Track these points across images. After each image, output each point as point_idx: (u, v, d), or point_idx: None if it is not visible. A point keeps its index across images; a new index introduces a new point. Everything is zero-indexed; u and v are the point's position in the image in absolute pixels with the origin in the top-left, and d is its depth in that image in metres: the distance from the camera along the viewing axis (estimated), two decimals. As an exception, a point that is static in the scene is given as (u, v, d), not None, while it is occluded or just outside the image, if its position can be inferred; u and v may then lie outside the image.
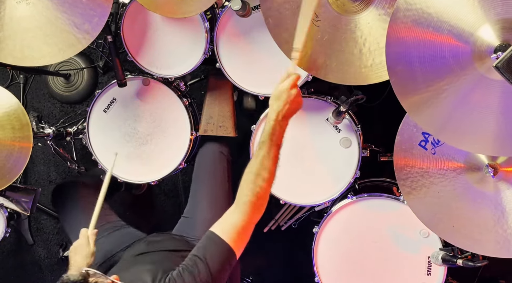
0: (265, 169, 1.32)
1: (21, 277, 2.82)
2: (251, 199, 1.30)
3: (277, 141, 1.35)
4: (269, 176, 1.33)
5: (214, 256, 1.27)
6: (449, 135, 1.26)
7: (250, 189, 1.31)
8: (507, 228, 1.39)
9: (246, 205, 1.30)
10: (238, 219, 1.30)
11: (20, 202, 2.00)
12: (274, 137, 1.34)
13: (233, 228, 1.30)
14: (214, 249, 1.28)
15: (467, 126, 1.21)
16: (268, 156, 1.32)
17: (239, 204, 1.31)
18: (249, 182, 1.31)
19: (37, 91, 2.73)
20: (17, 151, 1.73)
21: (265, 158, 1.32)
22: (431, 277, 1.71)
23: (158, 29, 1.85)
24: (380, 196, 1.75)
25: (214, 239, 1.30)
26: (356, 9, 1.41)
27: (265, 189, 1.32)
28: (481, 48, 1.12)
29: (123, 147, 1.96)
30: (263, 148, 1.33)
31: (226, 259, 1.28)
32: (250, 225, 1.32)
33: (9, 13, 1.58)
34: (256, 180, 1.31)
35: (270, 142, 1.33)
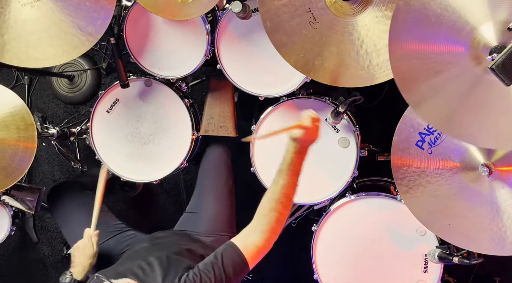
0: (285, 196, 1.36)
1: (25, 274, 2.83)
2: (270, 224, 1.34)
3: (297, 170, 1.38)
4: (288, 203, 1.37)
5: (231, 265, 1.29)
6: (451, 128, 1.25)
7: (271, 216, 1.34)
8: (502, 226, 1.39)
9: (265, 230, 1.33)
10: (257, 240, 1.33)
11: (25, 201, 2.01)
12: (294, 167, 1.37)
13: (253, 247, 1.32)
14: (232, 259, 1.31)
15: (467, 118, 1.21)
16: (288, 184, 1.36)
17: (258, 228, 1.34)
18: (270, 210, 1.34)
19: (42, 92, 2.74)
20: (22, 151, 1.73)
21: (285, 187, 1.35)
22: (428, 274, 1.71)
23: (160, 31, 1.86)
24: (378, 195, 1.75)
25: (234, 249, 1.32)
26: (354, 11, 1.41)
27: (283, 215, 1.36)
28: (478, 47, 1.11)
29: (125, 147, 1.97)
30: (283, 177, 1.36)
31: (241, 270, 1.31)
32: (267, 247, 1.35)
33: (14, 15, 1.58)
34: (277, 207, 1.34)
35: (290, 171, 1.36)
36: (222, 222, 1.80)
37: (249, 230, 1.35)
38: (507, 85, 1.00)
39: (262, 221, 1.34)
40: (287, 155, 1.37)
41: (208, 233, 1.75)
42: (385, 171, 1.94)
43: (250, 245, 1.32)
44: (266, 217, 1.34)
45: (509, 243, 1.38)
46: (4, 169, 1.72)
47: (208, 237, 1.74)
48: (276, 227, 1.34)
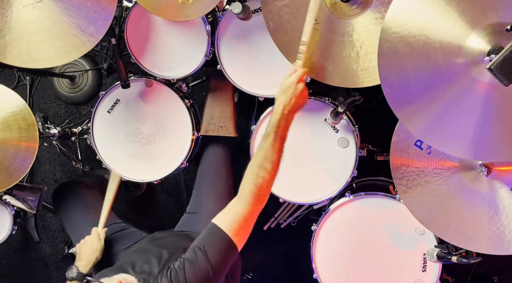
0: (268, 160, 1.30)
1: (27, 273, 2.83)
2: (253, 190, 1.28)
3: (282, 134, 1.33)
4: (273, 168, 1.31)
5: (214, 247, 1.26)
6: (444, 143, 1.25)
7: (253, 179, 1.29)
8: (500, 226, 1.39)
9: (249, 196, 1.28)
10: (241, 210, 1.28)
11: (27, 200, 2.01)
12: (279, 130, 1.33)
13: (235, 219, 1.28)
14: (214, 240, 1.27)
15: (460, 133, 1.21)
16: (272, 148, 1.31)
17: (242, 195, 1.30)
18: (253, 173, 1.30)
19: (43, 92, 2.74)
20: (24, 151, 1.73)
21: (269, 150, 1.31)
22: (426, 273, 1.71)
23: (160, 32, 1.86)
24: (377, 194, 1.75)
25: (215, 230, 1.28)
26: (353, 12, 1.41)
27: (267, 181, 1.30)
28: (474, 55, 1.12)
29: (126, 147, 1.97)
30: (268, 140, 1.31)
31: (227, 250, 1.27)
32: (252, 217, 1.30)
33: (16, 16, 1.58)
34: (259, 171, 1.30)
35: (275, 134, 1.32)
36: None
37: (233, 202, 1.31)
38: (505, 85, 1.00)
39: (244, 188, 1.29)
40: (273, 116, 1.34)
41: None
42: (384, 171, 1.94)
43: (231, 218, 1.28)
44: (248, 183, 1.29)
45: (507, 243, 1.38)
46: (6, 168, 1.72)
47: None
48: (259, 192, 1.29)
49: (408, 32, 1.16)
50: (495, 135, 1.19)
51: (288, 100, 1.33)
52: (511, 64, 0.96)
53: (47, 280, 2.82)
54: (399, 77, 1.20)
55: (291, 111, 1.35)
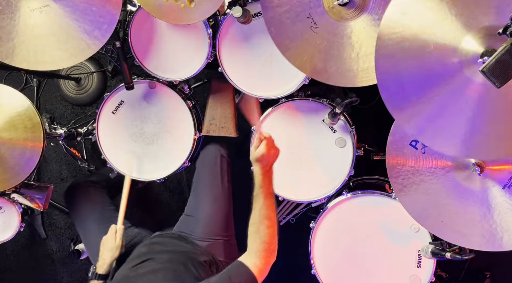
0: (265, 217, 1.36)
1: (34, 269, 2.83)
2: (261, 247, 1.35)
3: (269, 190, 1.40)
4: (271, 222, 1.37)
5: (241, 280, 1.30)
6: (439, 142, 1.25)
7: (257, 238, 1.35)
8: (493, 223, 1.39)
9: (258, 251, 1.35)
10: (256, 261, 1.34)
11: (34, 198, 2.01)
12: (265, 188, 1.39)
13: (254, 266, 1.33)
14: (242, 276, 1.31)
15: (455, 132, 1.21)
16: (264, 205, 1.37)
17: (251, 251, 1.36)
18: (255, 232, 1.36)
19: (50, 94, 2.74)
20: (29, 150, 1.73)
21: (263, 208, 1.37)
22: (421, 269, 1.71)
23: (163, 35, 1.86)
24: (373, 193, 1.75)
25: (243, 266, 1.33)
26: (351, 15, 1.41)
27: (271, 234, 1.37)
28: (467, 57, 1.12)
29: (130, 147, 1.97)
30: (258, 200, 1.37)
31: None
32: (267, 266, 1.37)
33: (23, 20, 1.58)
34: (260, 228, 1.36)
35: (263, 193, 1.37)
36: (217, 225, 1.78)
37: (248, 253, 1.37)
38: (497, 87, 0.99)
39: (252, 245, 1.36)
40: (256, 179, 1.40)
41: (203, 237, 1.73)
42: (380, 170, 1.94)
43: (252, 264, 1.34)
44: (254, 241, 1.36)
45: (499, 239, 1.38)
46: (12, 167, 1.72)
47: (203, 241, 1.73)
48: (266, 247, 1.36)
49: (404, 36, 1.16)
50: (489, 134, 1.19)
51: (264, 165, 1.39)
52: (503, 67, 0.96)
53: (54, 275, 2.82)
54: (395, 81, 1.20)
55: (269, 169, 1.40)
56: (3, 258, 2.84)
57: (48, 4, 1.57)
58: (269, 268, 1.38)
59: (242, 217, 1.55)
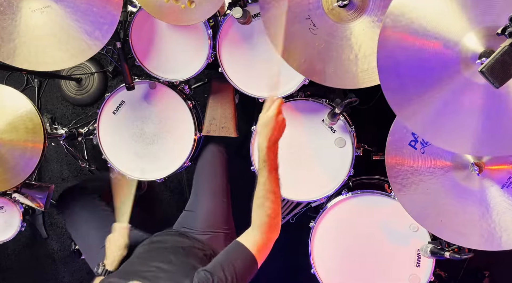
0: (270, 192, 1.35)
1: (35, 268, 2.83)
2: (264, 220, 1.33)
3: (274, 165, 1.38)
4: (275, 197, 1.36)
5: (240, 263, 1.29)
6: (443, 140, 1.25)
7: (262, 212, 1.34)
8: (491, 223, 1.39)
9: (262, 226, 1.33)
10: (258, 237, 1.33)
11: (35, 198, 2.01)
12: (269, 162, 1.37)
13: (255, 243, 1.32)
14: (240, 256, 1.30)
15: (457, 129, 1.21)
16: (269, 180, 1.35)
17: (255, 226, 1.34)
18: (259, 206, 1.35)
19: (51, 94, 2.74)
20: (30, 151, 1.73)
21: (267, 182, 1.35)
22: (420, 268, 1.71)
23: (164, 36, 1.86)
24: (373, 192, 1.75)
25: (240, 247, 1.32)
26: (351, 17, 1.41)
27: (274, 209, 1.35)
28: (467, 55, 1.12)
29: (131, 147, 1.97)
30: (263, 174, 1.36)
31: (250, 266, 1.30)
32: (269, 242, 1.35)
33: (24, 21, 1.58)
34: (264, 203, 1.34)
35: (268, 167, 1.36)
36: (217, 219, 1.78)
37: (248, 231, 1.36)
38: (496, 87, 0.99)
39: (255, 219, 1.35)
40: (260, 152, 1.37)
41: (203, 231, 1.74)
42: (380, 170, 1.94)
43: (253, 242, 1.32)
44: (257, 215, 1.35)
45: (498, 239, 1.38)
46: (13, 168, 1.72)
47: (204, 234, 1.73)
48: (270, 221, 1.34)
49: (405, 33, 1.16)
50: (489, 131, 1.19)
51: (271, 133, 1.36)
52: (501, 67, 0.96)
53: (55, 275, 2.82)
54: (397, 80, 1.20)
55: (275, 142, 1.38)
56: (4, 258, 2.84)
57: (49, 5, 1.57)
58: (272, 245, 1.36)
59: (242, 216, 1.55)
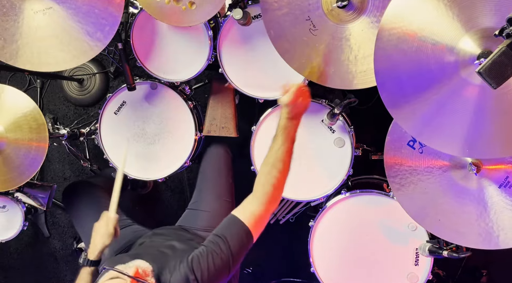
0: (280, 160, 1.31)
1: (38, 267, 2.83)
2: (267, 189, 1.30)
3: (291, 135, 1.34)
4: (284, 168, 1.32)
5: (235, 237, 1.26)
6: (439, 142, 1.25)
7: (266, 180, 1.30)
8: (489, 222, 1.39)
9: (263, 195, 1.30)
10: (256, 207, 1.29)
11: (37, 198, 2.01)
12: (288, 132, 1.33)
13: (252, 215, 1.29)
14: (234, 230, 1.28)
15: (453, 132, 1.21)
16: (282, 148, 1.32)
17: (257, 195, 1.31)
18: (266, 173, 1.31)
19: (53, 95, 2.74)
20: (34, 150, 1.73)
21: (280, 150, 1.32)
22: (419, 267, 1.71)
23: (165, 37, 1.86)
24: (371, 192, 1.75)
25: (236, 221, 1.29)
26: (350, 18, 1.41)
27: (280, 180, 1.32)
28: (465, 57, 1.13)
29: (132, 147, 1.97)
30: (278, 141, 1.32)
31: (245, 240, 1.27)
32: (267, 214, 1.32)
33: (27, 22, 1.58)
34: (271, 170, 1.31)
35: (284, 136, 1.32)
36: (220, 218, 1.77)
37: (248, 199, 1.32)
38: (494, 88, 0.99)
39: (259, 188, 1.31)
40: (281, 120, 1.34)
41: (206, 228, 1.73)
42: (378, 169, 1.94)
43: (250, 214, 1.29)
44: (262, 183, 1.31)
45: (496, 238, 1.38)
46: (17, 167, 1.72)
47: (205, 232, 1.72)
48: (273, 192, 1.30)
49: (403, 33, 1.16)
50: (485, 133, 1.19)
51: (292, 110, 1.34)
52: (499, 68, 0.96)
53: (57, 273, 2.82)
54: (394, 82, 1.20)
55: (296, 116, 1.35)
56: (7, 256, 2.84)
57: (51, 7, 1.57)
58: (269, 217, 1.33)
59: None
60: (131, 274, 1.21)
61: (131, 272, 1.22)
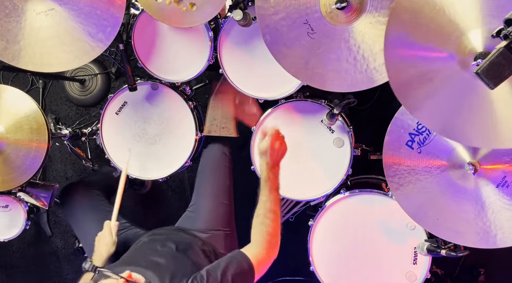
0: (269, 210, 1.38)
1: (40, 266, 2.83)
2: (264, 237, 1.36)
3: (274, 185, 1.41)
4: (275, 216, 1.38)
5: (239, 269, 1.29)
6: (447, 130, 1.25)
7: (261, 229, 1.37)
8: (487, 221, 1.39)
9: (262, 241, 1.36)
10: (258, 251, 1.35)
11: (39, 197, 2.01)
12: (270, 183, 1.40)
13: (254, 256, 1.34)
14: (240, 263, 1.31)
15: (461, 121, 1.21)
16: (269, 199, 1.38)
17: (255, 241, 1.37)
18: (259, 223, 1.37)
19: (55, 95, 2.74)
20: (34, 150, 1.73)
21: (267, 201, 1.38)
22: (417, 266, 1.71)
23: (166, 38, 1.86)
24: (370, 191, 1.75)
25: (242, 255, 1.33)
26: (348, 19, 1.40)
27: (274, 227, 1.38)
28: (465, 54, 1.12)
29: (133, 146, 1.97)
30: (264, 193, 1.39)
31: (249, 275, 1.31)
32: (268, 259, 1.37)
33: (29, 23, 1.58)
34: (264, 220, 1.37)
35: (268, 187, 1.39)
36: (218, 218, 1.78)
37: (249, 246, 1.38)
38: (491, 88, 1.00)
39: (256, 235, 1.37)
40: (262, 173, 1.41)
41: (204, 230, 1.73)
42: (377, 169, 1.94)
43: (252, 254, 1.34)
44: (258, 231, 1.37)
45: (493, 237, 1.38)
46: (18, 167, 1.73)
47: (204, 233, 1.72)
48: (270, 239, 1.36)
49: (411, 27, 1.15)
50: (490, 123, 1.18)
51: (269, 159, 1.40)
52: (497, 69, 0.96)
53: (59, 272, 2.82)
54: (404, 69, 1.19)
55: (275, 165, 1.42)
56: (9, 255, 2.84)
57: (54, 8, 1.57)
58: (270, 264, 1.37)
59: (242, 216, 1.56)
60: (125, 276, 1.23)
61: (125, 275, 1.24)
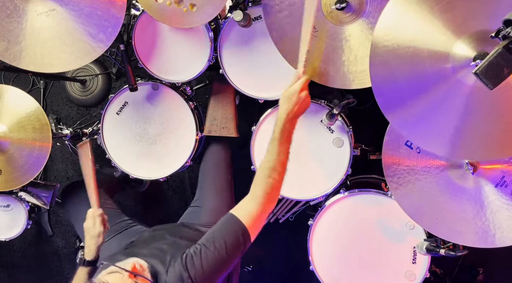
0: (277, 162, 1.32)
1: (41, 265, 2.83)
2: (266, 190, 1.30)
3: (288, 137, 1.34)
4: (282, 169, 1.33)
5: (231, 235, 1.26)
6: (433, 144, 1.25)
7: (265, 181, 1.30)
8: (485, 221, 1.39)
9: (261, 196, 1.29)
10: (254, 207, 1.29)
11: (41, 197, 2.01)
12: (285, 134, 1.33)
13: (250, 215, 1.29)
14: (231, 228, 1.27)
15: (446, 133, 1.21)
16: (280, 150, 1.32)
17: (255, 195, 1.30)
18: (264, 174, 1.31)
19: (56, 95, 2.74)
20: (37, 150, 1.73)
21: (277, 152, 1.32)
22: (416, 265, 1.71)
23: (166, 39, 1.86)
24: (370, 191, 1.75)
25: (233, 219, 1.28)
26: (349, 19, 1.41)
27: (278, 181, 1.32)
28: (460, 61, 1.13)
29: (134, 146, 1.97)
30: (275, 144, 1.32)
31: (242, 239, 1.27)
32: (264, 214, 1.31)
33: (30, 24, 1.58)
34: (272, 173, 1.31)
35: (282, 138, 1.32)
36: (221, 214, 1.77)
37: (246, 199, 1.32)
38: (490, 89, 0.99)
39: (257, 189, 1.31)
40: (278, 122, 1.34)
41: (207, 224, 1.72)
42: (377, 169, 1.94)
43: (248, 213, 1.29)
44: (261, 185, 1.31)
45: (492, 236, 1.38)
46: (21, 167, 1.73)
47: (206, 227, 1.70)
48: (271, 193, 1.31)
49: (397, 44, 1.17)
50: (480, 135, 1.19)
51: (292, 107, 1.33)
52: (495, 69, 0.96)
53: (60, 271, 2.82)
54: (390, 86, 1.20)
55: (294, 117, 1.35)
56: (10, 255, 2.85)
57: (55, 8, 1.57)
58: (266, 217, 1.33)
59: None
60: (129, 269, 1.22)
61: (128, 267, 1.22)
